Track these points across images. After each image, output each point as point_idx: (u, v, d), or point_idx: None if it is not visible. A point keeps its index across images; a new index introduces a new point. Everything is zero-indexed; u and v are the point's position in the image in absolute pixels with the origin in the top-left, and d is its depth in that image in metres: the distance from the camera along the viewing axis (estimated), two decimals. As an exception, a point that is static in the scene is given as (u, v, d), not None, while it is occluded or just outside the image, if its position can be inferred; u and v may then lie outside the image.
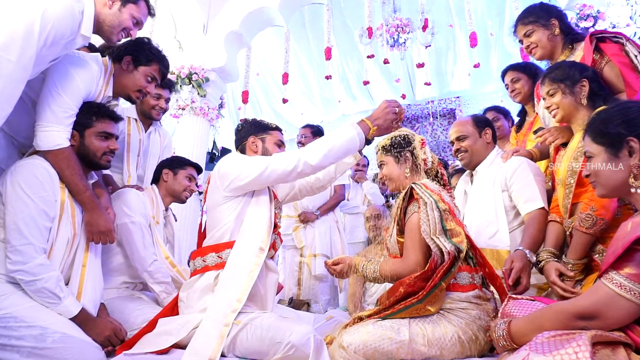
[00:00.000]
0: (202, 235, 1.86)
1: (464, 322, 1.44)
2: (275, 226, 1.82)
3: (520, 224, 1.99)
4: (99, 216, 1.71)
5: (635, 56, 1.75)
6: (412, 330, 1.40)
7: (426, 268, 1.47)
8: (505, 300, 1.36)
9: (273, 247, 1.80)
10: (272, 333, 1.46)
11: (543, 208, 1.87)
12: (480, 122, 2.21)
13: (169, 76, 4.17)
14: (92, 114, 1.76)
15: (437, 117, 7.42)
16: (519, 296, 1.33)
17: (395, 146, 1.77)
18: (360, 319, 1.54)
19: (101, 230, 1.71)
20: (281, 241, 1.96)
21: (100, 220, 1.71)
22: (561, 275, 1.57)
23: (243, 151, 1.93)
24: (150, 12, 1.84)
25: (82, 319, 1.57)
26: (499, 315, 1.33)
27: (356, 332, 1.43)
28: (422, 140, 1.79)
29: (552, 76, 1.74)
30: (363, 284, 2.99)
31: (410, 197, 1.63)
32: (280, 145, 1.95)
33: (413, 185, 1.61)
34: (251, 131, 1.93)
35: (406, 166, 1.74)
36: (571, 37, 2.05)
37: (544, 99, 1.82)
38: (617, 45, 1.83)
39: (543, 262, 1.67)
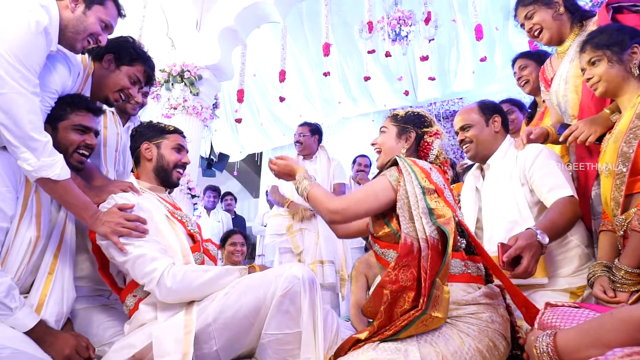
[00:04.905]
0: None
1: (477, 328, 1.21)
2: (193, 238, 1.65)
3: (547, 220, 1.74)
4: None
5: None
6: (424, 350, 1.16)
7: (399, 254, 1.26)
8: (542, 308, 1.12)
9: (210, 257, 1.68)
10: (266, 275, 1.34)
11: (572, 196, 1.62)
12: (488, 108, 1.96)
13: (160, 74, 4.02)
14: (66, 104, 1.56)
15: (440, 120, 7.21)
16: (559, 302, 1.10)
17: (406, 120, 1.58)
18: (357, 341, 1.29)
19: None
20: (217, 247, 1.78)
21: None
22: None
23: (138, 161, 1.74)
24: (121, 13, 1.64)
25: (39, 334, 1.34)
26: (536, 326, 1.09)
27: None
28: (438, 131, 1.59)
29: (596, 41, 1.49)
30: (366, 292, 2.76)
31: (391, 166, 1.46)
32: (181, 149, 1.74)
33: (397, 158, 1.43)
34: (145, 136, 1.72)
35: (404, 145, 1.56)
36: (579, 14, 1.85)
37: (583, 70, 1.58)
38: (637, 15, 1.63)
39: (592, 278, 1.43)
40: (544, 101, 2.21)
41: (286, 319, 1.30)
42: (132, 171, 1.79)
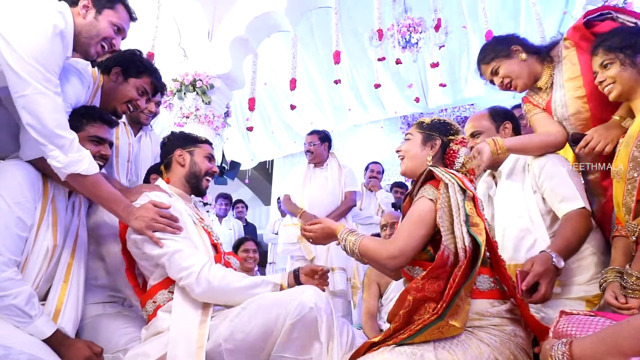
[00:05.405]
0: None
1: (499, 340, 1.19)
2: (216, 248, 1.66)
3: (561, 229, 1.72)
4: None
5: (635, 24, 1.55)
6: (440, 357, 1.14)
7: (433, 265, 1.23)
8: (557, 316, 1.11)
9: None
10: (279, 298, 1.33)
11: (584, 208, 1.60)
12: (499, 115, 1.95)
13: (173, 83, 4.07)
14: (80, 116, 1.58)
15: (450, 126, 7.20)
16: (574, 310, 1.09)
17: (432, 127, 1.55)
18: (372, 344, 1.28)
19: None
20: (239, 259, 1.80)
21: None
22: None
23: (168, 166, 1.77)
24: (132, 16, 1.66)
25: (56, 341, 1.37)
26: (551, 335, 1.08)
27: None
28: (464, 139, 1.57)
29: (608, 44, 1.47)
30: (378, 299, 2.74)
31: (425, 181, 1.42)
32: (211, 159, 1.80)
33: (432, 168, 1.40)
34: (178, 144, 1.78)
35: (430, 152, 1.52)
36: (544, 50, 1.84)
37: (595, 73, 1.57)
38: (607, 22, 1.63)
39: (605, 283, 1.41)
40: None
41: (296, 345, 1.30)
42: (161, 176, 1.80)
